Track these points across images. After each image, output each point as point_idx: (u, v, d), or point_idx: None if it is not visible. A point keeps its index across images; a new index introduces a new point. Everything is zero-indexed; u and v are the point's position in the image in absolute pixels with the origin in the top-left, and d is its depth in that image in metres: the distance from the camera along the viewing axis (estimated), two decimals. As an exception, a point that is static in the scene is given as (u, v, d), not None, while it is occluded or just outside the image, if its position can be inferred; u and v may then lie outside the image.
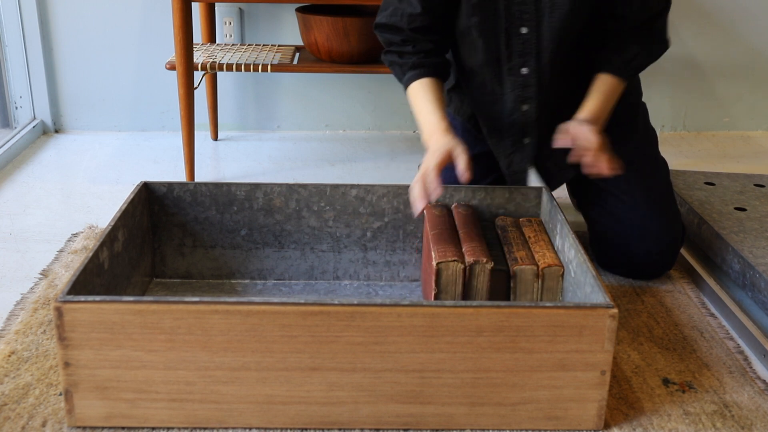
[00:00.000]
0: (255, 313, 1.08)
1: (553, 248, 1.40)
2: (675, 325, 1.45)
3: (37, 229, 1.82)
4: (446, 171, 1.39)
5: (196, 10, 2.35)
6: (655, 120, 1.83)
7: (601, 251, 1.64)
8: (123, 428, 1.14)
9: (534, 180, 1.63)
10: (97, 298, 1.08)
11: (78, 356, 1.09)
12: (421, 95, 1.49)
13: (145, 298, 1.08)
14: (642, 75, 1.66)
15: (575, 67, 1.54)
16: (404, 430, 1.15)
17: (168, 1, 2.36)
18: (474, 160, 1.40)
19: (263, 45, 2.34)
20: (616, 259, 1.61)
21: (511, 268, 1.34)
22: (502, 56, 1.50)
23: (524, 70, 1.50)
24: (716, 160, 2.37)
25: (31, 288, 1.53)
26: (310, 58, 2.20)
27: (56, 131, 2.53)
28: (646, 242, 1.56)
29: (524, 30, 1.46)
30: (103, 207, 1.96)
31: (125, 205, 1.38)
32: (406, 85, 1.54)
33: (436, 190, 1.32)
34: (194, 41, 2.18)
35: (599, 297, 1.14)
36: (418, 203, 1.33)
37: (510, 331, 1.10)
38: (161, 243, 1.53)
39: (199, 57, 2.16)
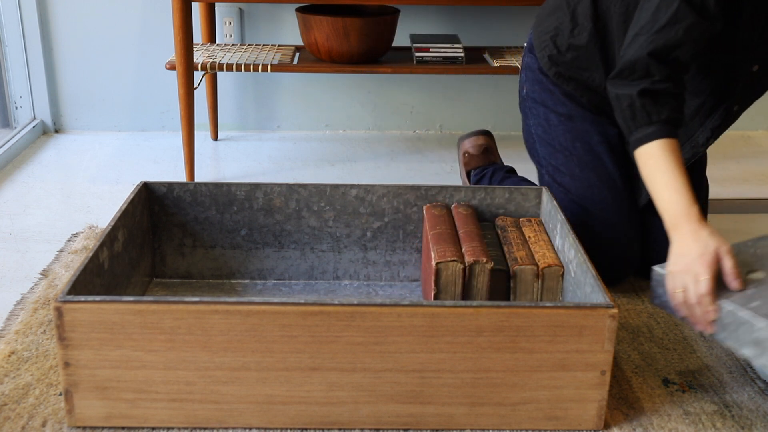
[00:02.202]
0: (255, 313, 1.08)
1: (553, 248, 1.40)
2: (675, 325, 1.45)
3: (37, 229, 1.82)
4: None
5: (196, 10, 2.35)
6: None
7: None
8: (123, 428, 1.14)
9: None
10: (97, 298, 1.08)
11: (78, 356, 1.09)
12: (668, 163, 1.22)
13: (145, 298, 1.08)
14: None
15: None
16: (404, 430, 1.15)
17: (168, 1, 2.36)
18: None
19: (263, 45, 2.34)
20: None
21: (511, 268, 1.34)
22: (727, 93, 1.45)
23: (736, 107, 1.48)
24: (716, 161, 2.37)
25: (31, 288, 1.53)
26: (310, 58, 2.20)
27: (56, 131, 2.53)
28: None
29: (755, 68, 1.43)
30: (103, 207, 1.96)
31: (125, 205, 1.38)
32: (645, 141, 1.24)
33: (712, 314, 1.13)
34: (194, 41, 2.18)
35: (599, 297, 1.14)
36: (703, 326, 1.15)
37: (510, 331, 1.10)
38: (161, 243, 1.53)
39: (199, 57, 2.16)
